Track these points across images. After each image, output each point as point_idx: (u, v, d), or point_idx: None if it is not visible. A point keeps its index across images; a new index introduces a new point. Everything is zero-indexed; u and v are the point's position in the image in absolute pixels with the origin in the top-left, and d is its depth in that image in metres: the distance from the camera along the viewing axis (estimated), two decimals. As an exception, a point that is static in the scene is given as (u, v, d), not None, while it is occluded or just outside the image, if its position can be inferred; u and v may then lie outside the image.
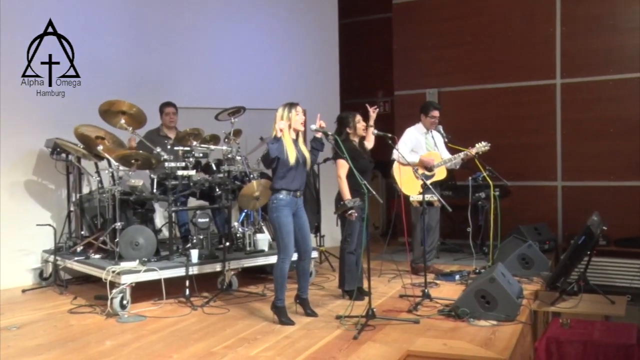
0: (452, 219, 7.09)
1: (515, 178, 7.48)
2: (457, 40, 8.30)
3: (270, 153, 4.40)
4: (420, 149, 6.19)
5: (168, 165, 5.49)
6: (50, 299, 5.49)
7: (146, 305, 5.09)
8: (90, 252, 5.65)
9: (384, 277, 6.13)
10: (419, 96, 8.34)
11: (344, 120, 5.29)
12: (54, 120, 6.18)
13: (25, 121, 6.14)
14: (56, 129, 6.10)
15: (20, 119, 6.08)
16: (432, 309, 4.76)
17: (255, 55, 7.99)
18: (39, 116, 6.15)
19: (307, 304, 4.77)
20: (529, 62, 7.87)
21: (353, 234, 5.11)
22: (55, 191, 6.46)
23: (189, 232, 6.28)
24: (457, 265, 6.68)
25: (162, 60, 7.25)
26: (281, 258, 4.54)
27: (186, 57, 7.48)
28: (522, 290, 5.03)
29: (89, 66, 6.47)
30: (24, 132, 6.17)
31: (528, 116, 7.87)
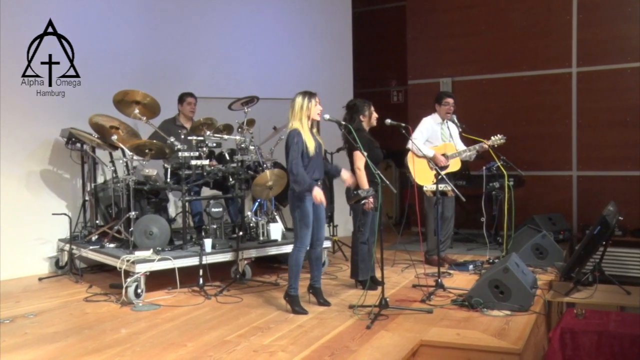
0: (465, 208, 7.05)
1: (530, 168, 7.42)
2: (471, 28, 8.22)
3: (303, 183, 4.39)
4: (436, 139, 6.15)
5: (182, 155, 5.50)
6: (66, 287, 5.55)
7: (160, 294, 5.12)
8: (105, 241, 5.70)
9: (397, 266, 6.12)
10: (433, 85, 8.29)
11: (359, 107, 5.19)
12: (69, 109, 6.21)
13: (39, 110, 6.16)
14: (71, 118, 6.14)
15: (34, 107, 6.11)
16: (446, 299, 4.75)
17: (268, 45, 7.97)
18: (54, 105, 6.17)
19: (320, 294, 4.77)
20: (544, 50, 7.78)
21: (366, 224, 5.09)
22: (70, 181, 6.51)
23: (202, 221, 6.29)
24: (470, 255, 6.67)
25: (176, 49, 7.26)
26: (297, 247, 4.54)
27: (199, 46, 7.48)
28: (536, 280, 5.00)
29: (103, 56, 6.49)
30: (38, 121, 6.21)
31: (543, 105, 7.79)
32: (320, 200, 4.42)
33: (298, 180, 4.40)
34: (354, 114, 5.19)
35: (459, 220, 6.71)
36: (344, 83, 8.35)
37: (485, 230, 6.22)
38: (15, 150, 6.06)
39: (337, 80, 8.21)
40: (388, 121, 5.01)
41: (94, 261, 5.86)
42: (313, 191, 4.41)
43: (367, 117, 5.21)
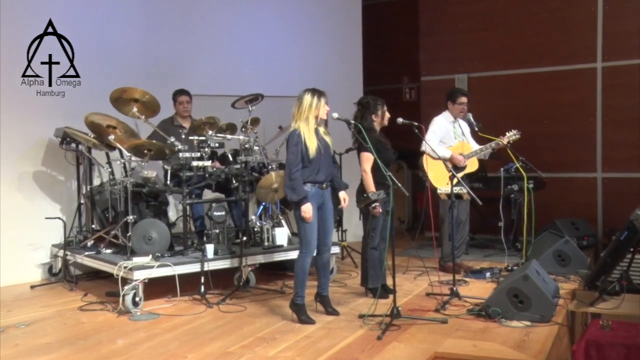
0: (482, 212, 7.02)
1: (551, 169, 7.37)
2: (488, 21, 8.19)
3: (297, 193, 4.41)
4: (449, 138, 6.14)
5: (182, 156, 5.51)
6: (59, 296, 5.56)
7: (159, 303, 5.12)
8: (101, 246, 5.70)
9: (410, 274, 6.10)
10: (447, 82, 8.27)
11: (370, 105, 5.19)
12: (64, 108, 6.23)
13: (33, 109, 6.19)
14: (66, 117, 6.15)
15: (28, 107, 6.14)
16: (461, 308, 4.73)
17: (274, 39, 7.98)
18: (48, 104, 6.20)
19: (328, 302, 4.76)
20: (567, 44, 7.74)
21: (377, 229, 5.08)
22: (64, 183, 6.53)
23: (204, 226, 6.30)
24: (487, 262, 6.64)
25: (176, 45, 7.28)
26: (303, 253, 4.55)
27: (201, 41, 7.50)
28: (558, 289, 4.97)
29: (100, 52, 6.52)
30: (32, 120, 6.23)
31: (566, 102, 7.75)
32: (308, 218, 4.43)
33: (294, 186, 4.43)
34: (366, 112, 5.19)
35: (475, 225, 6.69)
36: (353, 80, 8.34)
37: (503, 235, 6.20)
38: (6, 151, 6.08)
39: (346, 76, 8.21)
40: (400, 120, 5.01)
41: (90, 268, 5.88)
42: (302, 205, 4.41)
43: (379, 116, 5.21)
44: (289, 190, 4.46)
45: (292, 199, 4.46)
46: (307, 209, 4.42)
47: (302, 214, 4.42)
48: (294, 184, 4.42)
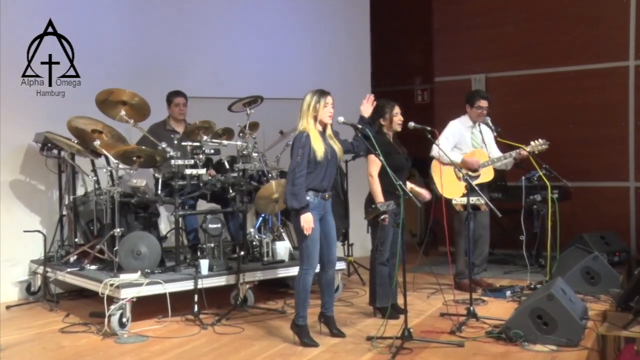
0: (502, 225, 7.00)
1: (578, 177, 7.36)
2: (509, 16, 8.22)
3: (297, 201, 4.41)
4: (465, 145, 6.14)
5: (175, 163, 5.52)
6: (38, 317, 5.55)
7: (149, 324, 5.12)
8: (85, 262, 5.71)
9: (422, 292, 6.10)
10: (463, 83, 8.29)
11: (379, 109, 5.22)
12: (45, 111, 6.25)
13: (10, 112, 6.20)
14: (47, 121, 6.16)
15: (6, 110, 6.17)
16: (479, 330, 4.71)
17: (274, 37, 8.01)
18: (27, 107, 6.22)
19: (332, 323, 4.75)
20: (595, 41, 7.74)
21: (386, 242, 5.08)
22: (45, 192, 6.55)
23: (198, 239, 6.31)
24: (508, 279, 6.63)
25: (168, 42, 7.31)
26: (304, 269, 4.53)
27: (196, 38, 7.53)
28: (586, 310, 4.95)
29: (85, 51, 6.53)
30: (9, 124, 6.24)
31: (594, 105, 7.75)
32: (307, 228, 4.40)
33: (295, 192, 4.40)
34: (375, 116, 5.22)
35: (494, 239, 6.67)
36: (360, 81, 8.36)
37: (525, 250, 6.21)
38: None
39: (353, 77, 8.23)
40: (411, 124, 5.02)
41: (72, 286, 5.88)
42: (302, 216, 4.39)
43: (387, 120, 5.23)
44: (290, 196, 4.44)
45: (292, 206, 4.43)
46: (307, 219, 4.40)
47: (302, 224, 4.40)
48: (296, 190, 4.40)
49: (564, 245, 6.38)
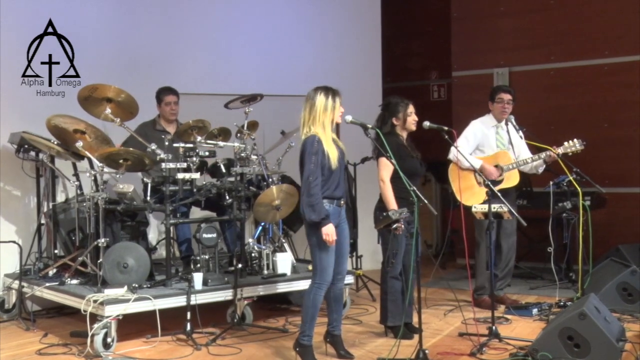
0: (527, 236, 7.02)
1: (613, 183, 7.38)
2: (536, 3, 8.23)
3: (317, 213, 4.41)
4: (489, 147, 6.13)
5: (165, 167, 5.54)
6: (13, 337, 5.54)
7: (136, 344, 5.13)
8: (65, 276, 5.71)
9: (439, 309, 6.12)
10: (484, 78, 8.30)
11: (392, 107, 5.26)
12: (20, 109, 6.30)
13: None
14: (23, 120, 6.20)
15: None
16: (502, 352, 4.72)
17: (275, 28, 8.02)
18: (3, 105, 6.27)
19: (340, 343, 4.77)
20: (632, 30, 7.70)
21: (399, 254, 5.09)
22: (21, 199, 6.58)
23: (191, 250, 6.33)
24: (534, 295, 6.63)
25: (159, 32, 7.30)
26: (316, 283, 4.54)
27: (189, 30, 7.53)
28: (624, 330, 4.95)
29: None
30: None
31: (632, 101, 7.72)
32: (331, 241, 4.41)
33: (313, 204, 4.38)
34: (386, 115, 5.26)
35: (519, 251, 6.69)
36: (370, 76, 8.39)
37: (553, 263, 6.16)
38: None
39: (361, 72, 8.25)
40: (427, 124, 5.04)
41: (51, 302, 5.88)
42: (324, 227, 4.39)
43: (400, 120, 5.26)
44: (307, 208, 4.41)
45: (311, 219, 4.40)
46: (329, 231, 4.38)
47: (324, 237, 4.39)
48: (313, 201, 4.38)
49: (597, 258, 6.36)
